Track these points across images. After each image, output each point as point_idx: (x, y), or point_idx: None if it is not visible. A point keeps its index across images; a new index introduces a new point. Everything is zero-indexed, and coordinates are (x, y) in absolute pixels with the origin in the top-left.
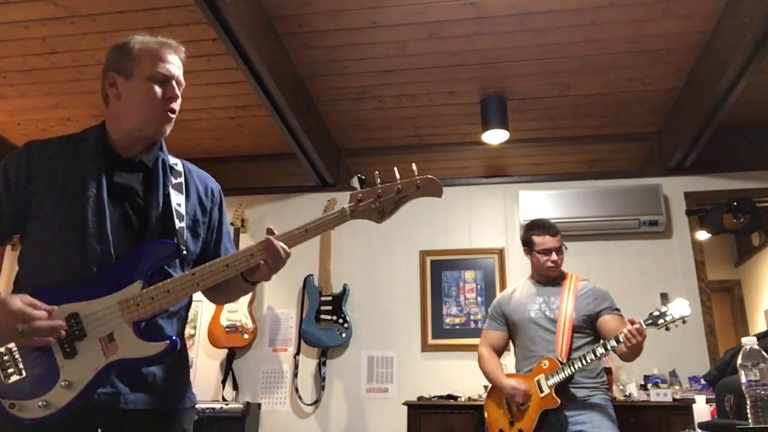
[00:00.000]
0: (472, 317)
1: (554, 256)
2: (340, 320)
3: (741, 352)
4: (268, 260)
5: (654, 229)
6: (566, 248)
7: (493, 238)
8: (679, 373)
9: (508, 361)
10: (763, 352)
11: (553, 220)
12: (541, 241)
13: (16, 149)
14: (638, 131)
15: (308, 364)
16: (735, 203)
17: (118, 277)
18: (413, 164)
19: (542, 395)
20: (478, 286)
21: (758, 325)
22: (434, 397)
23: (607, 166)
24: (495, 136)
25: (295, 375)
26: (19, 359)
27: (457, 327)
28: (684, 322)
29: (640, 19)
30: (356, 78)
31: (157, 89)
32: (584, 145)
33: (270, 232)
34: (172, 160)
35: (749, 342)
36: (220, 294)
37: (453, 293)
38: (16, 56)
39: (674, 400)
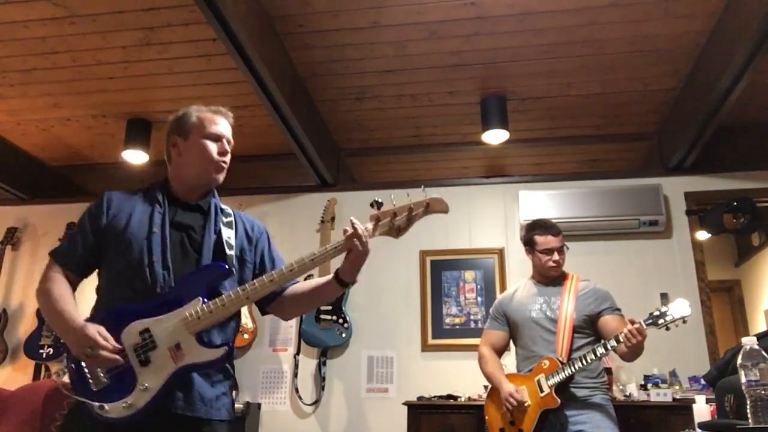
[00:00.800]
0: (472, 317)
1: (556, 256)
2: (340, 320)
3: (741, 352)
4: (352, 251)
5: (654, 229)
6: (568, 248)
7: (493, 238)
8: (679, 373)
9: (509, 361)
10: (763, 352)
11: (553, 220)
12: (543, 240)
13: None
14: (638, 131)
15: (308, 364)
16: (735, 203)
17: (180, 295)
18: (422, 187)
19: (542, 395)
20: (478, 286)
21: (758, 325)
22: (434, 397)
23: (607, 166)
24: (495, 136)
25: (295, 375)
26: (101, 371)
27: (457, 327)
28: (684, 322)
29: (640, 19)
30: (356, 78)
31: (211, 145)
32: (584, 145)
33: (346, 232)
34: (223, 205)
35: (749, 342)
36: (299, 305)
37: (453, 293)
38: (16, 56)
39: (674, 400)
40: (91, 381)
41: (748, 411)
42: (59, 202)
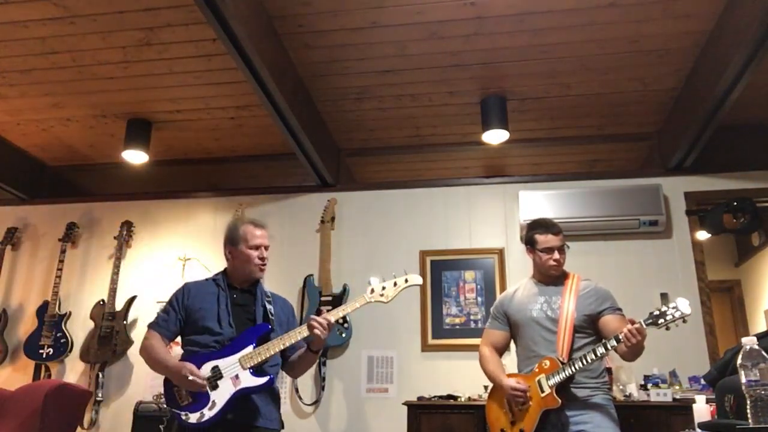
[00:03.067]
0: (472, 317)
1: (556, 255)
2: (340, 320)
3: (741, 352)
4: (314, 333)
5: (654, 229)
6: (569, 247)
7: (493, 238)
8: (679, 373)
9: (509, 360)
10: (763, 352)
11: (553, 220)
12: (544, 239)
13: (20, 151)
14: (638, 131)
15: None
16: (735, 203)
17: (238, 344)
18: (405, 271)
19: (543, 395)
20: (478, 286)
21: (758, 325)
22: (434, 397)
23: (607, 166)
24: (495, 136)
25: None
26: (187, 392)
27: (457, 327)
28: (684, 321)
29: (640, 19)
30: (356, 78)
31: (253, 253)
32: (584, 145)
33: (317, 312)
34: (266, 289)
35: (749, 342)
36: (297, 369)
37: (453, 293)
38: (16, 56)
39: (674, 400)
40: (179, 399)
41: (748, 411)
42: (59, 202)
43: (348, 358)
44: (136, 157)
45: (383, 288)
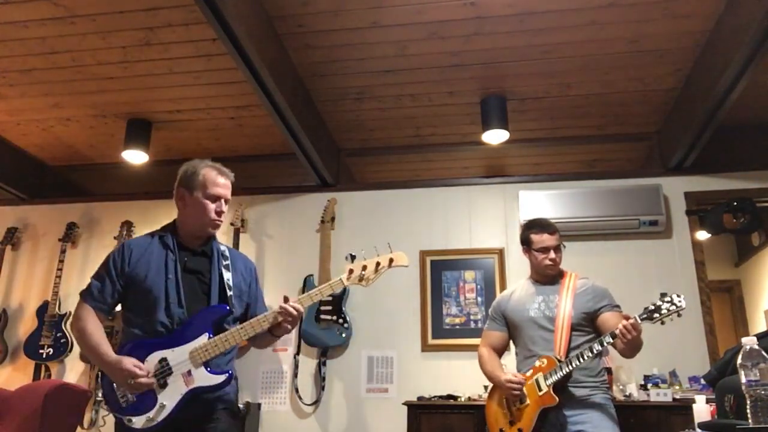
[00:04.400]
0: (472, 317)
1: (552, 254)
2: (340, 320)
3: (741, 352)
4: (285, 320)
5: (654, 229)
6: (564, 247)
7: (493, 238)
8: (679, 373)
9: (509, 361)
10: (763, 352)
11: (552, 220)
12: (539, 239)
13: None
14: (638, 131)
15: (308, 364)
16: (735, 203)
17: (191, 331)
18: (388, 243)
19: (541, 394)
20: (478, 286)
21: (758, 325)
22: (434, 397)
23: (607, 166)
24: (495, 136)
25: (295, 375)
26: (131, 391)
27: (457, 327)
28: (679, 315)
29: (640, 19)
30: (356, 78)
31: (210, 205)
32: (584, 145)
33: (285, 299)
34: (222, 246)
35: (749, 342)
36: (259, 345)
37: (453, 293)
38: (16, 56)
39: (674, 400)
40: (120, 399)
41: (748, 411)
42: (59, 202)
43: (348, 358)
44: (136, 157)
45: (363, 269)
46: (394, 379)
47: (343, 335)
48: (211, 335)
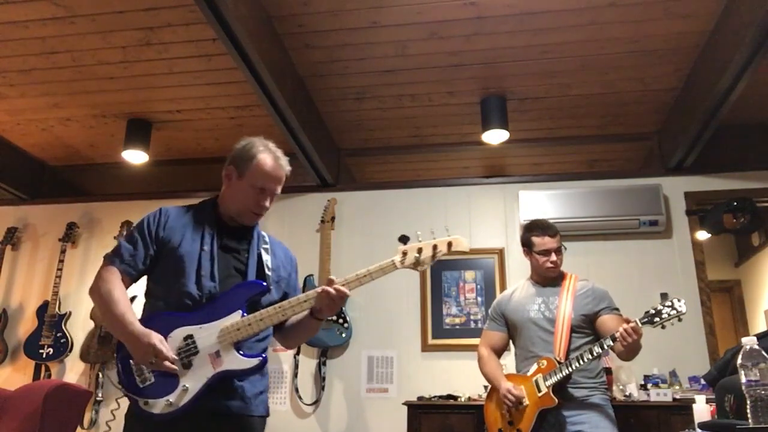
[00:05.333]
0: (472, 317)
1: (553, 257)
2: (340, 320)
3: (741, 352)
4: (324, 303)
5: (654, 229)
6: (566, 249)
7: (493, 238)
8: (679, 373)
9: (508, 361)
10: (763, 352)
11: (553, 221)
12: (541, 242)
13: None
14: (638, 131)
15: (308, 364)
16: (735, 203)
17: (222, 307)
18: (445, 227)
19: (540, 395)
20: (478, 286)
21: (758, 325)
22: (434, 397)
23: (607, 166)
24: (495, 136)
25: (295, 375)
26: (148, 370)
27: (457, 327)
28: (680, 320)
29: (640, 19)
30: (356, 78)
31: (255, 196)
32: (584, 145)
33: (329, 282)
34: (263, 232)
35: (749, 342)
36: (293, 338)
37: (453, 293)
38: (16, 56)
39: (674, 400)
40: (137, 378)
41: (748, 411)
42: (59, 202)
43: (348, 358)
44: (136, 157)
45: (419, 252)
46: (394, 379)
47: (343, 335)
48: (245, 313)
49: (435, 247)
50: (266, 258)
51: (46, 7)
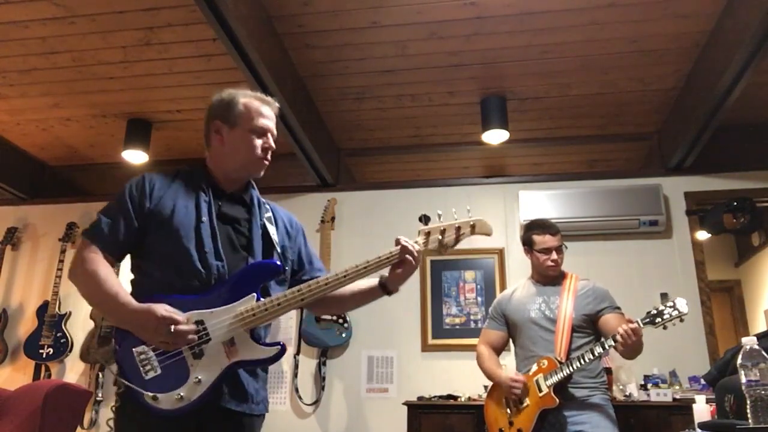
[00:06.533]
0: (472, 317)
1: (554, 256)
2: (340, 320)
3: (741, 352)
4: (403, 264)
5: (654, 229)
6: (566, 247)
7: (493, 238)
8: (679, 373)
9: (508, 361)
10: (763, 352)
11: (553, 220)
12: (541, 240)
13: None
14: (638, 131)
15: (308, 364)
16: (735, 203)
17: (234, 290)
18: (467, 207)
19: (541, 395)
20: (478, 286)
21: (758, 325)
22: (434, 397)
23: (607, 166)
24: (495, 136)
25: (295, 375)
26: (155, 359)
27: (457, 327)
28: (681, 320)
29: (640, 19)
30: (356, 78)
31: (256, 141)
32: (584, 145)
33: (397, 242)
34: (262, 198)
35: (749, 342)
36: (344, 304)
37: (453, 293)
38: (16, 56)
39: (674, 400)
40: (142, 369)
41: (748, 411)
42: (59, 202)
43: (348, 358)
44: (136, 157)
45: (441, 233)
46: (394, 379)
47: (343, 335)
48: (259, 297)
49: (458, 229)
50: (271, 230)
51: (46, 7)
